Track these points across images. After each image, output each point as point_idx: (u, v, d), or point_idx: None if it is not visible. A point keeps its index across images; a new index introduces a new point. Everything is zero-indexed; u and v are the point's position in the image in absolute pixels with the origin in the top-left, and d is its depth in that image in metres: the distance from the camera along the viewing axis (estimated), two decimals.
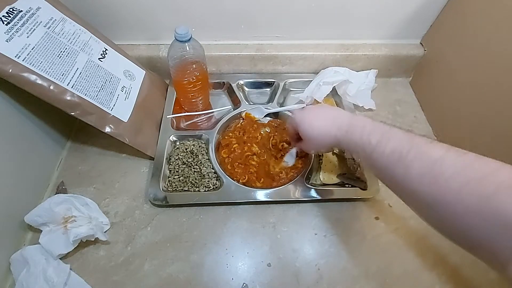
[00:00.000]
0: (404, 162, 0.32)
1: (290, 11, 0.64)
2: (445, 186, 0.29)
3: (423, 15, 0.67)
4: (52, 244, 0.46)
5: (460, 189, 0.28)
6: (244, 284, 0.47)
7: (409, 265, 0.49)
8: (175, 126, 0.63)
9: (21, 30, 0.46)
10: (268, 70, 0.73)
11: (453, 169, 0.29)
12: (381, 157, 0.35)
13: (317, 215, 0.54)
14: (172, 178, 0.56)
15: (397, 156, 0.33)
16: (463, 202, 0.28)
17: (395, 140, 0.34)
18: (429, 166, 0.30)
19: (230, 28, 0.67)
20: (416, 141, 0.33)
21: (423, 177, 0.31)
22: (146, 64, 0.67)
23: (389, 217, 0.54)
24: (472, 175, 0.28)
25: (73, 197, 0.50)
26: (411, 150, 0.32)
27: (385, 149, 0.35)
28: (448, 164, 0.29)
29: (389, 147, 0.34)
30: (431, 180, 0.30)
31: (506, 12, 0.50)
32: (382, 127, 0.37)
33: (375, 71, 0.68)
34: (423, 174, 0.31)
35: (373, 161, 0.37)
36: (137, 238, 0.50)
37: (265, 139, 0.62)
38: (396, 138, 0.35)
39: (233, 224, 0.52)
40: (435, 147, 0.32)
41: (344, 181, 0.55)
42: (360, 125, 0.39)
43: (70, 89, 0.49)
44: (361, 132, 0.38)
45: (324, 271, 0.48)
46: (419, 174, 0.31)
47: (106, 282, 0.46)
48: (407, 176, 0.32)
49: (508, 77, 0.50)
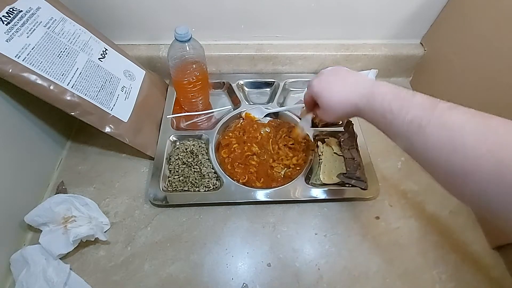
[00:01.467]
0: (424, 132, 0.31)
1: (290, 11, 0.64)
2: (464, 155, 0.28)
3: (423, 15, 0.67)
4: (52, 244, 0.46)
5: (480, 157, 0.27)
6: (244, 284, 0.47)
7: (409, 265, 0.49)
8: (175, 126, 0.63)
9: (21, 30, 0.46)
10: (268, 70, 0.73)
11: (474, 137, 0.28)
12: (401, 126, 0.34)
13: (317, 215, 0.54)
14: (172, 178, 0.55)
15: (417, 125, 0.32)
16: (482, 170, 0.27)
17: (416, 108, 0.33)
18: (449, 135, 0.29)
19: (230, 28, 0.68)
20: (438, 109, 0.31)
21: (443, 147, 0.30)
22: (146, 64, 0.67)
23: (390, 217, 0.54)
24: (493, 140, 0.27)
25: (73, 197, 0.50)
26: (431, 119, 0.31)
27: (405, 117, 0.33)
28: (469, 132, 0.28)
29: (410, 116, 0.33)
30: (450, 149, 0.29)
31: (506, 12, 0.50)
32: (404, 94, 0.36)
33: (375, 71, 0.68)
34: (443, 144, 0.30)
35: (394, 130, 0.35)
36: (137, 238, 0.50)
37: (265, 139, 0.62)
38: (417, 106, 0.33)
39: (233, 224, 0.52)
40: (457, 113, 0.30)
41: (344, 181, 0.55)
42: (382, 92, 0.37)
43: (70, 89, 0.49)
44: (382, 99, 0.36)
45: (324, 271, 0.48)
46: (438, 144, 0.30)
47: (106, 282, 0.46)
48: (426, 146, 0.31)
49: (508, 76, 0.50)
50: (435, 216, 0.54)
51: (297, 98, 0.68)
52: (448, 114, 0.31)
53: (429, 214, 0.55)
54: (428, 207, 0.55)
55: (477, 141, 0.27)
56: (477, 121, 0.29)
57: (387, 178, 0.58)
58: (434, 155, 0.31)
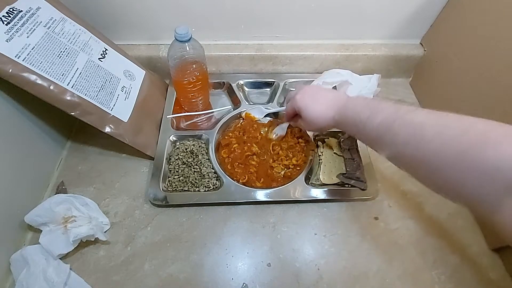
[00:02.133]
0: (391, 132, 0.36)
1: (290, 11, 0.64)
2: (427, 148, 0.32)
3: (423, 15, 0.67)
4: (52, 244, 0.46)
5: (439, 149, 0.31)
6: (244, 284, 0.47)
7: (408, 265, 0.49)
8: (175, 126, 0.63)
9: (21, 30, 0.46)
10: (268, 70, 0.73)
11: (433, 131, 0.32)
12: (372, 130, 0.39)
13: (317, 215, 0.54)
14: (172, 178, 0.56)
15: (385, 127, 0.37)
16: (443, 160, 0.30)
17: (383, 113, 0.38)
18: (412, 131, 0.34)
19: (230, 28, 0.67)
20: (402, 111, 0.36)
21: (408, 142, 0.34)
22: (146, 64, 0.67)
23: (389, 217, 0.54)
24: (450, 133, 0.31)
25: (73, 197, 0.50)
26: (396, 119, 0.35)
27: (374, 123, 0.38)
28: (429, 127, 0.32)
29: (378, 120, 0.38)
30: (415, 144, 0.33)
31: (506, 12, 0.50)
32: (371, 104, 0.41)
33: (377, 76, 0.67)
34: (408, 140, 0.34)
35: (366, 135, 0.41)
36: (137, 238, 0.50)
37: (265, 140, 0.62)
38: (384, 111, 0.38)
39: (233, 224, 0.52)
40: (418, 113, 0.35)
41: (344, 181, 0.55)
42: (352, 105, 0.43)
43: (70, 89, 0.49)
44: (353, 111, 0.42)
45: (324, 271, 0.48)
46: (404, 140, 0.34)
47: (106, 282, 0.46)
48: (394, 143, 0.36)
49: (508, 76, 0.50)
50: (435, 217, 0.55)
51: None
52: (410, 114, 0.35)
53: (428, 215, 0.55)
54: (428, 208, 0.55)
55: (436, 135, 0.31)
56: (434, 118, 0.33)
57: (386, 178, 0.59)
58: (402, 150, 0.35)
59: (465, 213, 0.55)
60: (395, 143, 0.36)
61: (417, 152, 0.33)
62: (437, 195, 0.56)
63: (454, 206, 0.55)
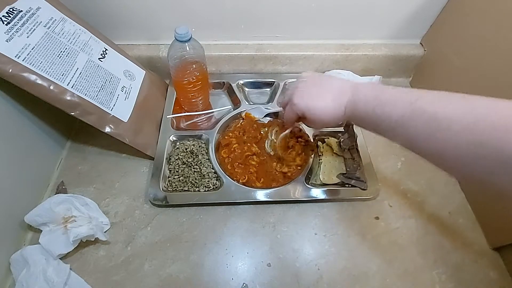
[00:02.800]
0: (413, 127, 0.34)
1: (290, 11, 0.64)
2: (446, 141, 0.31)
3: (423, 15, 0.67)
4: (52, 244, 0.46)
5: (458, 141, 0.30)
6: (244, 284, 0.47)
7: (409, 265, 0.49)
8: (175, 126, 0.63)
9: (21, 30, 0.46)
10: (268, 70, 0.73)
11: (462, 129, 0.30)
12: (389, 126, 0.36)
13: (317, 215, 0.54)
14: (172, 178, 0.55)
15: (402, 122, 0.35)
16: (462, 152, 0.30)
17: (398, 107, 0.35)
18: (436, 127, 0.32)
19: (230, 28, 0.67)
20: (418, 104, 0.34)
21: (429, 138, 0.33)
22: (146, 64, 0.67)
23: (389, 217, 0.54)
24: (465, 122, 0.30)
25: (73, 197, 0.50)
26: (413, 112, 0.33)
27: (391, 118, 0.35)
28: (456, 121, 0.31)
29: (395, 115, 0.35)
30: (435, 139, 0.32)
31: (506, 12, 0.50)
32: (382, 96, 0.37)
33: (379, 77, 0.67)
34: (428, 135, 0.33)
35: (382, 130, 0.37)
36: (137, 238, 0.50)
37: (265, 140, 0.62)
38: (399, 104, 0.35)
39: (233, 224, 0.52)
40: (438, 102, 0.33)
41: (344, 181, 0.55)
42: (363, 99, 0.39)
43: (70, 89, 0.49)
44: (365, 106, 0.38)
45: (324, 271, 0.48)
46: (424, 136, 0.33)
47: (106, 282, 0.46)
48: (416, 139, 0.34)
49: (508, 76, 0.50)
50: (435, 216, 0.54)
51: None
52: (429, 105, 0.33)
53: (429, 214, 0.55)
54: (428, 208, 0.55)
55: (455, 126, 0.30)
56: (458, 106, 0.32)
57: (387, 178, 0.58)
58: (423, 144, 0.34)
59: (466, 212, 0.55)
60: (416, 139, 0.34)
61: (438, 146, 0.32)
62: (437, 194, 0.57)
63: (455, 205, 0.55)
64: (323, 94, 0.42)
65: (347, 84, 0.42)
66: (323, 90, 0.43)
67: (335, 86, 0.43)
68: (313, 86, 0.44)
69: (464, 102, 0.32)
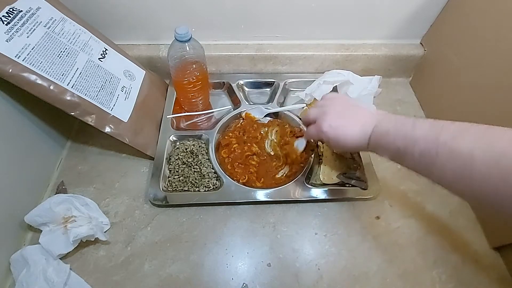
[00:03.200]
0: (436, 165, 0.33)
1: (290, 11, 0.64)
2: (481, 186, 0.29)
3: (423, 15, 0.67)
4: (52, 244, 0.46)
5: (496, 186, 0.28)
6: (244, 284, 0.47)
7: (409, 265, 0.49)
8: (175, 126, 0.63)
9: (21, 30, 0.46)
10: (268, 70, 0.73)
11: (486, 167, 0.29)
12: (412, 161, 0.35)
13: (317, 215, 0.54)
14: (172, 178, 0.55)
15: (427, 159, 0.33)
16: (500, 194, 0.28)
17: (420, 142, 0.34)
18: (461, 166, 0.30)
19: (230, 28, 0.67)
20: (442, 138, 0.32)
21: (459, 179, 0.31)
22: (146, 64, 0.67)
23: (390, 217, 0.54)
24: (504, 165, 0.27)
25: (73, 197, 0.50)
26: (439, 150, 0.32)
27: (413, 154, 0.35)
28: (480, 163, 0.29)
29: (417, 151, 0.34)
30: (466, 181, 0.30)
31: (506, 12, 0.50)
32: (404, 129, 0.36)
33: (378, 77, 0.67)
34: (458, 176, 0.31)
35: (406, 164, 0.37)
36: (137, 238, 0.50)
37: (265, 140, 0.62)
38: (421, 139, 0.34)
39: (233, 224, 0.52)
40: (463, 140, 0.31)
41: (344, 181, 0.55)
42: (384, 132, 0.39)
43: (70, 89, 0.49)
44: (387, 139, 0.38)
45: (324, 271, 0.48)
46: (453, 176, 0.31)
47: (106, 282, 0.46)
48: (442, 178, 0.33)
49: (508, 76, 0.50)
50: (435, 216, 0.54)
51: (297, 98, 0.68)
52: (452, 142, 0.31)
53: (429, 214, 0.55)
54: (428, 207, 0.55)
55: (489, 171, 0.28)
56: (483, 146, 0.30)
57: (387, 178, 0.58)
58: (452, 184, 0.32)
59: (466, 212, 0.55)
60: (443, 177, 0.33)
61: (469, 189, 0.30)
62: (438, 194, 0.56)
63: (455, 205, 0.55)
64: (352, 126, 0.43)
65: (368, 115, 0.43)
66: (351, 121, 0.43)
67: (360, 116, 0.43)
68: (342, 115, 0.45)
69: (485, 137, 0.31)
